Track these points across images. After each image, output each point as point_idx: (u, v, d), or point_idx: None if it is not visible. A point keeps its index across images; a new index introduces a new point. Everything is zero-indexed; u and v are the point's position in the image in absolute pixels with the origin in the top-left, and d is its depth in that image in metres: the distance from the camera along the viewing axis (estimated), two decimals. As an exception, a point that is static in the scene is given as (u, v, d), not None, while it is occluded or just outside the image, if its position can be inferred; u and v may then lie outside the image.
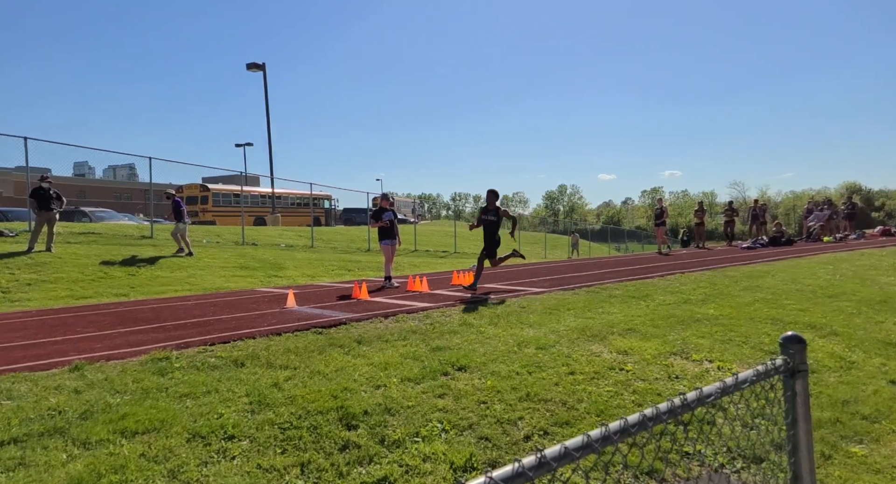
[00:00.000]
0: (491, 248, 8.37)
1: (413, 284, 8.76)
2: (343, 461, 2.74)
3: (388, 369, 4.12)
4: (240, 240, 18.33)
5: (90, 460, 2.61)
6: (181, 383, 3.78)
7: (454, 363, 4.18)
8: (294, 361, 4.35)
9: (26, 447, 2.71)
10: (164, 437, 2.92)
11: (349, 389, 3.68)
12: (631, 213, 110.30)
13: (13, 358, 4.45)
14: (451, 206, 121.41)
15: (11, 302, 8.78)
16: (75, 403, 3.30)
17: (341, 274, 13.94)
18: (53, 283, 10.20)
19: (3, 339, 5.37)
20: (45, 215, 11.80)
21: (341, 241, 22.37)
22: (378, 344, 4.90)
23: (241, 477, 2.56)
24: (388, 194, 9.95)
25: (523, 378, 3.82)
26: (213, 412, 3.27)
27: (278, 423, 3.17)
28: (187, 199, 29.74)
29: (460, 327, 5.46)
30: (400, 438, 2.99)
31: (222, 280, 11.93)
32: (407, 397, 3.56)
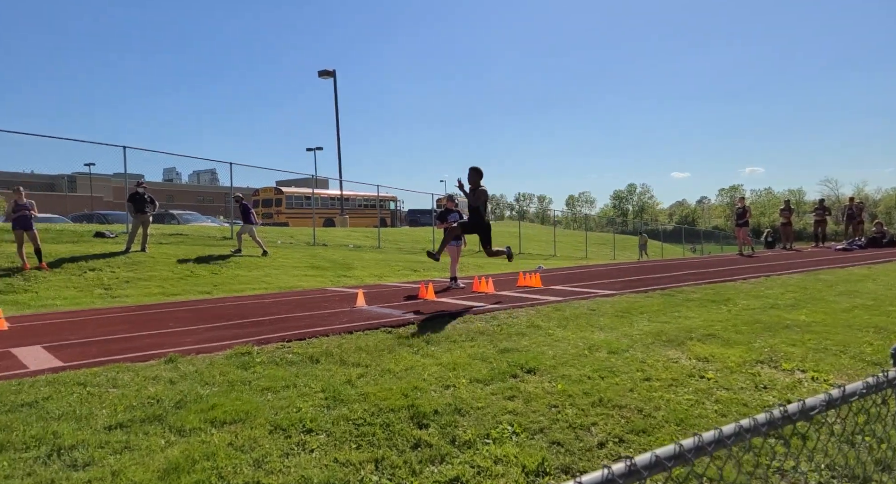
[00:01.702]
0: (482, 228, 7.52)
1: (479, 285, 8.77)
2: (416, 459, 2.78)
3: (456, 370, 4.15)
4: (311, 241, 19.09)
5: (185, 447, 2.80)
6: (262, 377, 3.98)
7: (523, 365, 4.14)
8: (365, 359, 4.47)
9: (130, 432, 2.96)
10: (249, 428, 3.09)
11: (419, 388, 3.74)
12: (707, 212, 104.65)
13: (117, 349, 4.87)
14: (515, 206, 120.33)
15: (112, 298, 9.60)
16: (171, 393, 3.56)
17: (407, 274, 14.17)
18: (147, 280, 11.05)
19: (107, 331, 5.90)
20: (141, 218, 12.82)
21: (407, 241, 22.76)
22: (446, 344, 4.94)
23: (319, 469, 2.66)
24: (453, 196, 10.02)
25: (595, 383, 3.73)
26: (292, 406, 3.42)
27: (353, 419, 3.26)
28: (263, 201, 31.38)
29: (528, 329, 5.40)
30: (471, 439, 3.00)
31: (295, 279, 12.48)
32: (476, 398, 3.56)
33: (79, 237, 14.09)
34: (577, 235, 40.25)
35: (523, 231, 28.54)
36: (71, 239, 13.71)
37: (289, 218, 29.93)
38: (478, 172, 7.44)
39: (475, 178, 7.39)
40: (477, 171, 7.46)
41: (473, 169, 7.46)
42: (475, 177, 7.40)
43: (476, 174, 7.42)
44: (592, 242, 34.08)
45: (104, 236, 14.35)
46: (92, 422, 3.07)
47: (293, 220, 29.21)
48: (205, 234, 17.06)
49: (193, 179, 76.05)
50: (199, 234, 17.15)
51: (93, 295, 9.72)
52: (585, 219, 57.01)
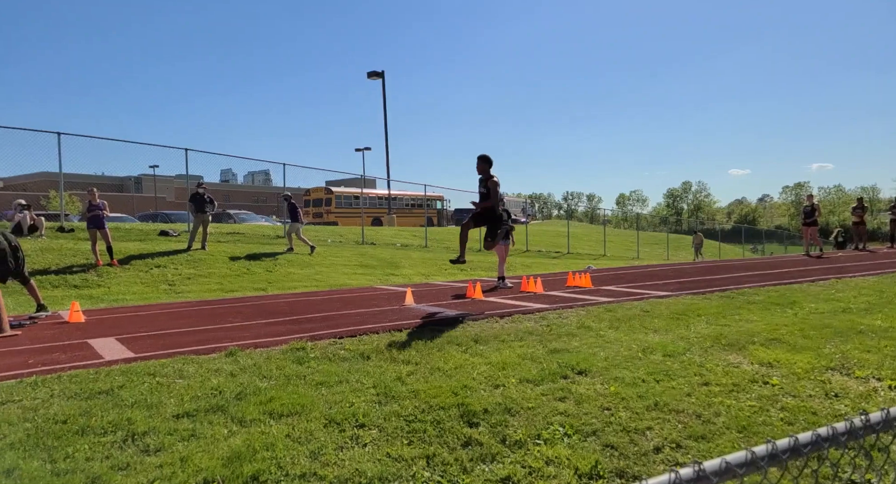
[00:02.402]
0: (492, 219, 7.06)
1: (527, 285, 8.69)
2: (466, 457, 2.79)
3: (506, 369, 4.13)
4: (360, 239, 19.46)
5: (246, 437, 2.93)
6: (316, 372, 4.09)
7: (574, 366, 4.08)
8: (415, 357, 4.52)
9: (196, 420, 3.11)
10: (305, 420, 3.19)
11: (469, 387, 3.75)
12: (769, 211, 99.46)
13: (182, 342, 5.14)
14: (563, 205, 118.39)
15: (176, 293, 10.12)
16: (231, 385, 3.72)
17: (454, 273, 14.22)
18: (207, 277, 11.59)
19: (172, 325, 6.23)
20: (201, 217, 13.45)
21: (454, 241, 22.82)
22: (495, 343, 4.93)
23: (373, 463, 2.71)
24: (501, 194, 9.95)
25: (650, 386, 3.62)
26: (346, 401, 3.50)
27: (404, 415, 3.31)
28: (313, 201, 32.22)
29: (578, 330, 5.32)
30: (521, 439, 2.98)
31: (345, 277, 12.77)
32: (526, 398, 3.54)
33: (145, 235, 14.92)
34: (628, 235, 39.19)
35: (572, 230, 28.05)
36: (138, 237, 14.54)
37: (338, 217, 30.63)
38: (486, 161, 7.01)
39: (484, 166, 6.99)
40: (486, 159, 7.01)
41: (482, 157, 7.02)
42: (484, 165, 6.99)
43: (485, 162, 6.99)
44: (644, 241, 33.11)
45: (168, 235, 15.14)
46: (161, 410, 3.25)
47: (342, 220, 29.87)
48: (259, 233, 17.70)
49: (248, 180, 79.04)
50: (254, 232, 17.81)
51: (158, 290, 10.29)
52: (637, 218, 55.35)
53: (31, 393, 3.46)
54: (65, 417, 3.05)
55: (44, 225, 13.13)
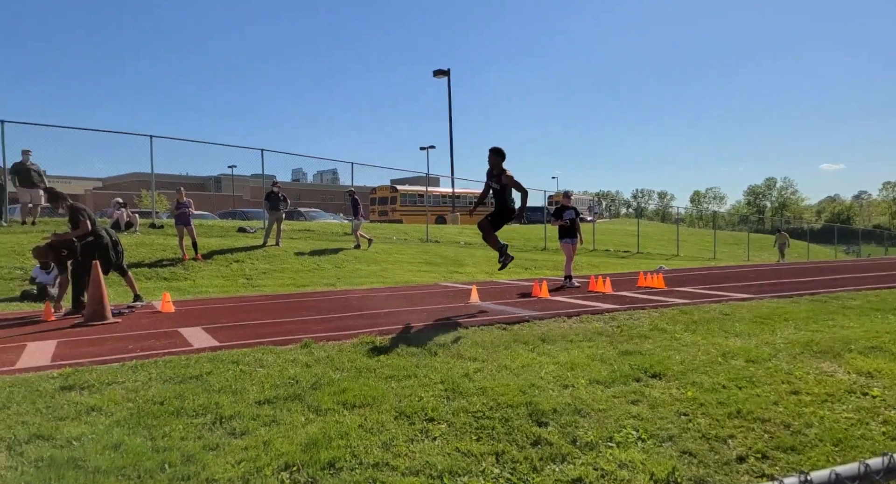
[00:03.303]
0: (501, 214, 6.69)
1: (595, 285, 8.47)
2: (536, 456, 2.77)
3: (574, 370, 4.06)
4: (424, 237, 19.72)
5: (322, 425, 3.05)
6: (386, 366, 4.19)
7: (647, 369, 3.94)
8: (481, 355, 4.53)
9: (276, 408, 3.28)
10: (377, 412, 3.28)
11: (536, 386, 3.71)
12: (866, 209, 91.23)
13: (261, 333, 5.43)
14: (632, 203, 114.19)
15: (253, 287, 10.67)
16: (307, 375, 3.89)
17: (518, 272, 14.10)
18: (281, 272, 12.14)
19: (251, 316, 6.59)
20: (275, 215, 14.11)
21: (518, 239, 22.63)
22: (562, 343, 4.85)
23: (442, 457, 2.75)
24: (569, 192, 9.75)
25: (732, 392, 3.44)
26: (415, 395, 3.56)
27: (472, 411, 3.33)
28: (379, 199, 32.97)
29: (651, 332, 5.12)
30: (592, 441, 2.92)
31: (409, 274, 12.97)
32: (597, 400, 3.46)
33: (225, 232, 15.86)
34: (704, 234, 37.28)
35: (642, 229, 27.01)
36: (219, 234, 15.48)
37: (403, 215, 31.16)
38: (500, 154, 6.56)
39: (498, 160, 6.56)
40: (499, 152, 6.57)
41: (496, 150, 6.59)
42: (498, 159, 6.55)
43: (499, 156, 6.55)
44: (722, 241, 31.34)
45: (245, 232, 16.01)
46: (245, 396, 3.45)
47: (407, 218, 30.36)
48: (329, 231, 18.33)
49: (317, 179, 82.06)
50: (324, 230, 18.47)
51: (237, 284, 10.90)
52: (713, 216, 52.41)
53: (132, 376, 3.78)
54: (161, 399, 3.31)
55: (138, 222, 14.27)
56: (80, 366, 4.03)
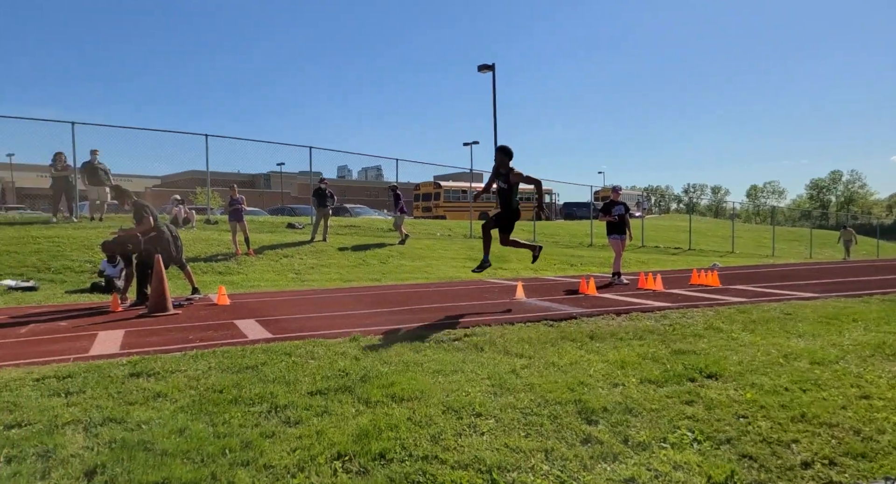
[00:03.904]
0: (507, 215, 6.53)
1: (645, 282, 8.26)
2: (586, 454, 2.74)
3: (625, 368, 3.97)
4: (468, 233, 19.73)
5: (372, 417, 3.11)
6: (432, 361, 4.22)
7: (702, 369, 3.81)
8: (528, 351, 4.51)
9: (327, 399, 3.37)
10: (425, 406, 3.31)
11: (585, 384, 3.66)
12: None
13: (311, 326, 5.58)
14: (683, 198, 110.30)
15: (302, 281, 10.98)
16: (356, 368, 3.97)
17: (564, 268, 13.92)
18: (328, 267, 12.42)
19: (301, 310, 6.78)
20: (323, 211, 14.45)
21: (563, 235, 22.33)
22: (612, 341, 4.76)
23: (491, 452, 2.75)
24: (617, 187, 9.52)
25: (795, 395, 3.28)
26: (462, 390, 3.58)
27: (519, 407, 3.31)
28: (423, 195, 33.19)
29: (706, 331, 4.95)
30: (645, 441, 2.85)
31: (454, 270, 13.02)
32: (649, 399, 3.38)
33: (274, 228, 16.37)
34: (761, 230, 35.68)
35: (694, 225, 26.07)
36: (269, 229, 16.00)
37: (446, 211, 31.26)
38: (508, 153, 6.34)
39: (505, 159, 6.32)
40: (507, 151, 6.35)
41: (503, 149, 6.36)
42: (505, 158, 6.32)
43: (506, 155, 6.33)
44: (781, 237, 29.91)
45: (294, 227, 16.48)
46: (298, 387, 3.56)
47: (450, 214, 30.44)
48: (374, 227, 18.62)
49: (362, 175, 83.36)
50: (369, 226, 18.78)
51: (287, 278, 11.23)
52: (772, 212, 49.90)
53: (194, 365, 3.97)
54: (221, 388, 3.46)
55: (194, 218, 14.93)
56: (146, 354, 4.27)
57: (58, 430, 2.78)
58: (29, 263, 9.81)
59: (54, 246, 10.76)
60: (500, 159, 6.33)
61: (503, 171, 6.33)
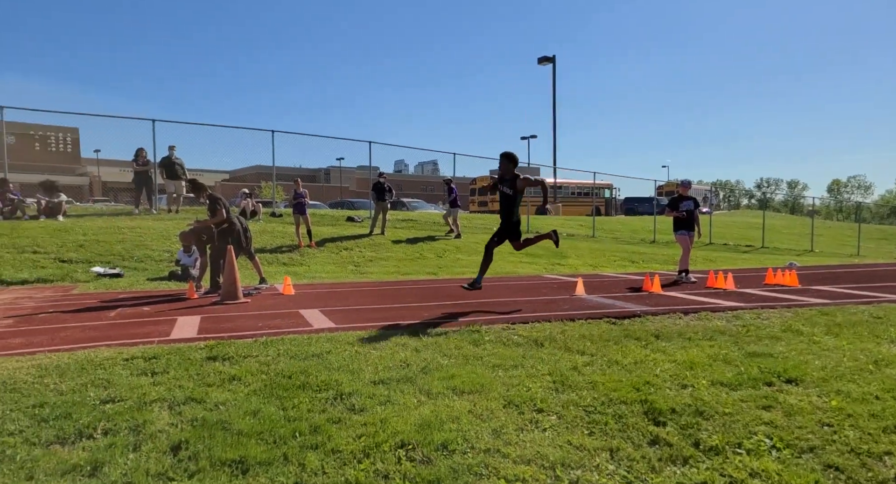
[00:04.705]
0: (509, 229, 6.30)
1: (714, 281, 7.88)
2: (654, 456, 2.65)
3: (694, 369, 3.81)
4: (525, 228, 19.52)
5: (433, 408, 3.14)
6: (492, 355, 4.22)
7: (780, 373, 3.59)
8: (590, 348, 4.41)
9: (389, 388, 3.44)
10: (485, 399, 3.31)
11: (651, 384, 3.54)
12: None
13: (372, 317, 5.71)
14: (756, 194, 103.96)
15: (361, 274, 11.23)
16: (417, 360, 4.03)
17: (625, 265, 13.51)
18: (386, 260, 12.65)
19: (361, 301, 6.95)
20: (381, 205, 14.71)
21: (624, 231, 21.67)
22: (679, 341, 4.57)
23: (553, 449, 2.72)
24: (687, 181, 9.09)
25: (887, 404, 3.03)
26: (522, 385, 3.55)
27: (582, 405, 3.25)
28: (479, 190, 33.10)
29: (784, 333, 4.66)
30: (718, 446, 2.73)
31: (511, 265, 12.92)
32: (721, 403, 3.22)
33: (335, 221, 16.83)
34: (844, 228, 33.21)
35: (768, 222, 24.59)
36: (330, 222, 16.47)
37: (503, 206, 30.97)
38: (512, 160, 6.13)
39: (510, 166, 6.12)
40: (512, 158, 6.14)
41: (508, 156, 6.14)
42: (510, 165, 6.11)
43: (511, 162, 6.12)
44: (867, 235, 27.70)
45: (353, 221, 16.88)
46: (361, 376, 3.65)
47: (506, 208, 30.12)
48: (430, 221, 18.77)
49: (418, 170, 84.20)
50: (425, 220, 18.95)
51: (346, 270, 11.53)
52: (857, 208, 46.22)
53: (264, 351, 4.15)
54: (289, 374, 3.60)
55: (261, 210, 15.60)
56: (221, 339, 4.51)
57: (146, 406, 2.99)
58: (115, 251, 10.59)
59: (136, 236, 11.56)
60: (504, 166, 6.17)
61: (508, 178, 6.18)
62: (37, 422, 2.78)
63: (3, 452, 2.47)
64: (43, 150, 44.97)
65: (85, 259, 10.00)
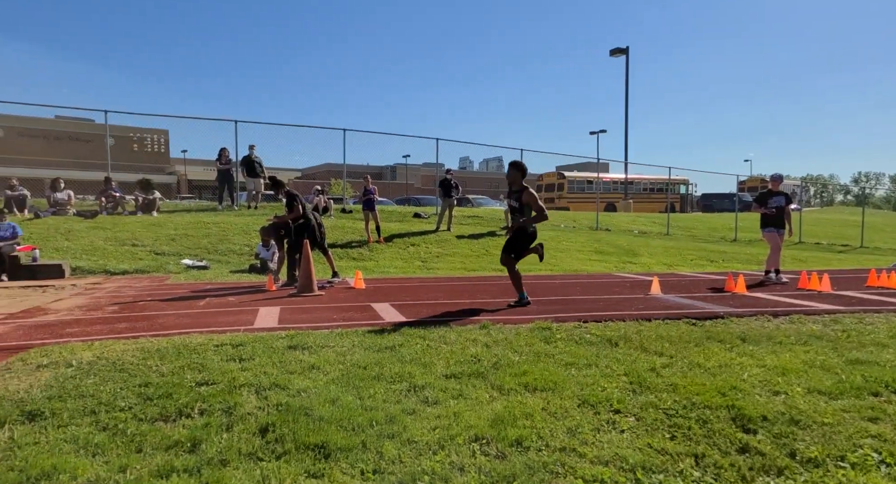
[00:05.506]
0: (515, 243, 6.06)
1: (807, 282, 7.31)
2: (744, 465, 2.49)
3: (787, 375, 3.55)
4: (593, 225, 19.01)
5: (506, 403, 3.12)
6: (564, 353, 4.13)
7: (888, 383, 3.28)
8: (668, 349, 4.22)
9: (461, 383, 3.45)
10: (559, 397, 3.25)
11: (738, 389, 3.34)
12: None
13: (441, 312, 5.76)
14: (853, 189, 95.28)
15: (427, 269, 11.37)
16: (488, 355, 4.01)
17: (703, 264, 12.83)
18: (452, 256, 12.72)
19: (430, 296, 7.02)
20: (448, 201, 14.81)
21: (701, 229, 20.59)
22: (768, 345, 4.28)
23: (633, 451, 2.62)
24: (778, 176, 8.45)
25: None
26: (597, 384, 3.45)
27: (662, 408, 3.11)
28: (545, 186, 32.60)
29: (892, 340, 4.25)
30: (817, 458, 2.52)
31: (579, 263, 12.62)
32: (819, 412, 2.98)
33: (402, 217, 17.13)
34: (957, 225, 29.79)
35: (867, 219, 22.47)
36: (397, 219, 16.78)
37: (570, 202, 30.41)
38: (521, 169, 6.02)
39: (518, 176, 5.99)
40: (520, 167, 6.02)
41: (516, 165, 6.02)
42: (517, 175, 5.99)
43: (519, 171, 6.00)
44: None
45: (420, 217, 17.11)
46: (432, 369, 3.69)
47: (573, 205, 29.55)
48: (494, 217, 18.68)
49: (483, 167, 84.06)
50: (490, 216, 18.87)
51: (413, 266, 11.71)
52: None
53: (339, 342, 4.30)
54: (364, 365, 3.70)
55: (332, 207, 16.15)
56: (300, 330, 4.71)
57: (236, 390, 3.18)
58: (201, 245, 11.34)
59: (220, 231, 12.32)
60: (512, 175, 6.03)
61: (515, 189, 6.03)
62: (143, 400, 3.03)
63: (116, 426, 2.71)
64: (140, 151, 48.94)
65: (176, 252, 10.79)
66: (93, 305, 6.21)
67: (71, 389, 3.18)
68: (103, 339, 4.43)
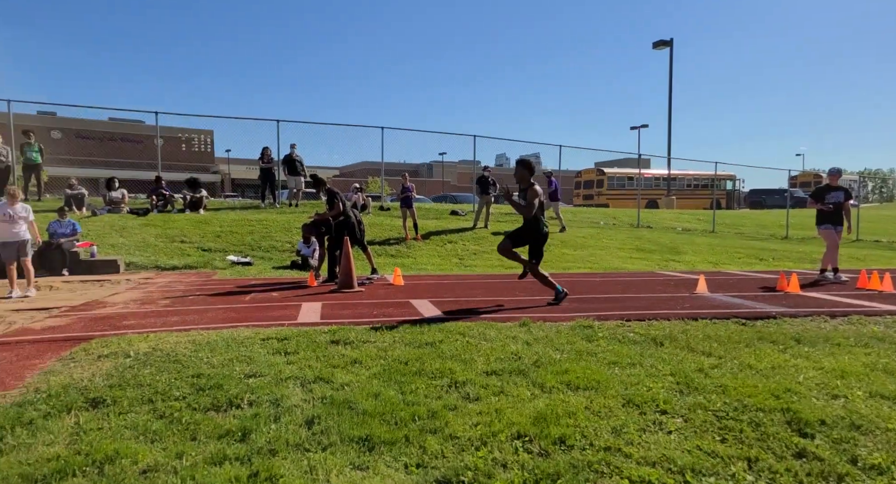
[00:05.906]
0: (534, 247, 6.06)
1: (867, 281, 6.95)
2: (801, 470, 2.38)
3: (846, 378, 3.38)
4: (634, 222, 18.58)
5: (548, 401, 3.09)
6: (606, 352, 4.05)
7: (961, 390, 3.07)
8: (717, 350, 4.09)
9: (502, 380, 3.43)
10: (602, 396, 3.19)
11: (793, 392, 3.20)
12: None
13: (480, 309, 5.75)
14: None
15: (465, 266, 11.36)
16: (528, 353, 3.98)
17: (751, 263, 12.36)
18: (489, 253, 12.66)
19: (468, 293, 7.02)
20: (485, 199, 14.75)
21: (749, 226, 19.83)
22: (825, 346, 4.08)
23: (681, 453, 2.55)
24: (837, 170, 8.01)
25: None
26: (642, 384, 3.38)
27: (712, 409, 3.02)
28: (584, 183, 32.08)
29: (963, 344, 3.98)
30: (881, 464, 2.39)
31: (620, 261, 12.36)
32: (883, 417, 2.83)
33: (439, 215, 17.17)
34: None
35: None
36: (434, 216, 16.83)
37: (609, 199, 29.82)
38: (528, 167, 5.95)
39: (525, 174, 5.93)
40: (527, 165, 5.96)
41: (523, 163, 5.97)
42: (525, 173, 5.93)
43: (526, 169, 5.93)
44: None
45: (457, 214, 17.11)
46: (473, 366, 3.68)
47: (613, 201, 28.97)
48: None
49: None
50: (530, 214, 18.69)
51: (451, 263, 11.72)
52: None
53: (380, 337, 4.35)
54: (405, 360, 3.73)
55: (370, 204, 16.35)
56: (342, 325, 4.79)
57: (282, 383, 3.26)
58: (245, 242, 11.68)
59: (263, 228, 12.65)
60: (519, 174, 6.01)
61: (523, 187, 6.01)
62: (195, 390, 3.15)
63: (171, 415, 2.83)
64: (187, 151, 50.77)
65: (221, 248, 11.15)
66: (146, 299, 6.49)
67: (130, 379, 3.34)
68: (157, 331, 4.63)
